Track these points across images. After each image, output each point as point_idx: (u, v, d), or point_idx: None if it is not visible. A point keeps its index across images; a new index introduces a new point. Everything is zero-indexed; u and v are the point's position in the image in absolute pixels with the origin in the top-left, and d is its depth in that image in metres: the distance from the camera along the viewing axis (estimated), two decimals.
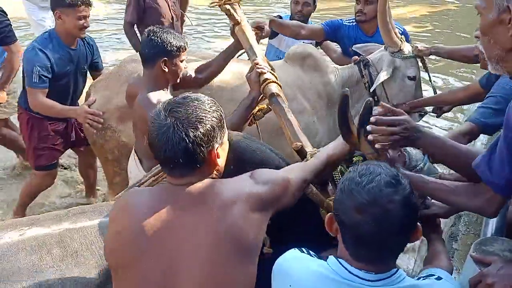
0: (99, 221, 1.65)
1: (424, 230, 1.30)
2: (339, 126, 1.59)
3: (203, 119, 1.30)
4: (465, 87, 2.96)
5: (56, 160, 3.24)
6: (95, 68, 3.28)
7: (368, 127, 1.44)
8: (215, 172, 1.40)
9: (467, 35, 7.02)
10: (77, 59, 3.06)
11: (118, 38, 6.80)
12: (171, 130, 1.28)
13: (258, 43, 2.52)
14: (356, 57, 3.01)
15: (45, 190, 3.37)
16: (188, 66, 2.42)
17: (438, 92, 3.29)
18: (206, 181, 1.35)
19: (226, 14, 2.41)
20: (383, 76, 2.79)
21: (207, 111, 1.33)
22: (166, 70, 2.20)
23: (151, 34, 2.18)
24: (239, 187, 1.37)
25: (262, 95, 2.18)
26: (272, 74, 2.20)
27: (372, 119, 1.44)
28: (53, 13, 2.96)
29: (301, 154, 1.85)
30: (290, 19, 3.53)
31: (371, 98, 1.51)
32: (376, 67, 2.90)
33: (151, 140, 1.33)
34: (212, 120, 1.33)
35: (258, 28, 2.59)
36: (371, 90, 2.89)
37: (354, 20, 3.28)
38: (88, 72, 3.26)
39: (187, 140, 1.27)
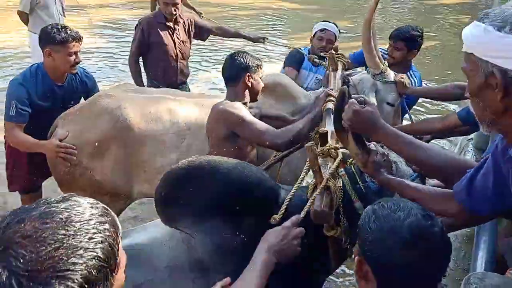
0: None
1: None
2: (334, 122, 1.61)
3: (68, 271, 0.68)
4: (443, 118, 2.94)
5: (32, 186, 3.17)
6: None
7: (343, 114, 1.51)
8: None
9: (448, 71, 7.20)
10: (62, 96, 2.98)
11: (100, 68, 6.83)
12: None
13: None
14: (346, 76, 3.05)
15: None
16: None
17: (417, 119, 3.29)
18: None
19: (330, 61, 2.83)
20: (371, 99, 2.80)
21: (80, 248, 0.70)
22: (250, 84, 2.41)
23: (234, 55, 2.47)
24: None
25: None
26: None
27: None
28: (43, 51, 2.90)
29: (322, 139, 1.85)
30: (309, 53, 3.57)
31: (345, 87, 1.60)
32: (356, 88, 2.92)
33: None
34: (89, 266, 0.70)
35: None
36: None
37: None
38: None
39: None
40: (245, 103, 2.44)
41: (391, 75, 2.91)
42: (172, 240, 1.65)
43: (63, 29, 2.83)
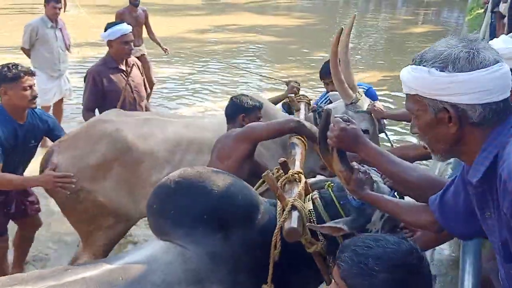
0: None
1: None
2: (319, 142, 1.67)
3: None
4: (416, 146, 2.95)
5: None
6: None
7: (329, 132, 1.59)
8: None
9: None
10: (24, 135, 2.93)
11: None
12: None
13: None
14: (314, 105, 3.18)
15: None
16: None
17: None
18: None
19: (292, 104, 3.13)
20: None
21: None
22: (245, 124, 2.52)
23: (233, 98, 2.67)
24: None
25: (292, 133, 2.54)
26: (302, 138, 2.55)
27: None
28: None
29: (284, 168, 2.02)
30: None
31: (329, 108, 1.69)
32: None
33: None
34: None
35: None
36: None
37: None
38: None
39: None
40: None
41: (364, 104, 2.94)
42: (168, 255, 1.68)
43: (13, 66, 2.85)
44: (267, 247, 1.75)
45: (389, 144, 3.35)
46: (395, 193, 1.78)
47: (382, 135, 3.19)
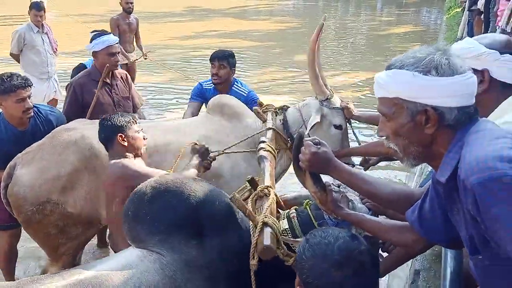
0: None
1: None
2: (293, 163, 1.70)
3: None
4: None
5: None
6: None
7: (300, 155, 1.63)
8: None
9: None
10: (27, 141, 2.91)
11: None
12: None
13: None
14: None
15: None
16: None
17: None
18: None
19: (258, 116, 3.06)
20: (314, 119, 2.87)
21: None
22: (125, 144, 2.39)
23: (102, 120, 2.46)
24: None
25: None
26: (270, 149, 2.48)
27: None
28: None
29: (252, 184, 2.00)
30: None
31: (302, 130, 1.66)
32: (301, 112, 3.00)
33: None
34: None
35: None
36: (306, 133, 2.93)
37: (211, 83, 3.66)
38: None
39: None
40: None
41: (337, 101, 3.02)
42: (144, 262, 1.64)
43: (8, 79, 2.84)
44: (244, 257, 1.71)
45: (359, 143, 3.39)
46: (372, 213, 1.81)
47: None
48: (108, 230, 3.71)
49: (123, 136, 2.39)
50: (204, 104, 3.72)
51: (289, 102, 7.30)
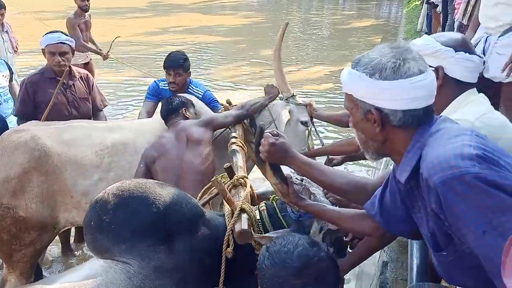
0: None
1: None
2: (255, 156, 1.73)
3: None
4: (351, 141, 2.89)
5: None
6: None
7: (261, 147, 1.67)
8: None
9: None
10: None
11: None
12: None
13: None
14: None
15: None
16: None
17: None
18: None
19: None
20: (286, 116, 2.93)
21: None
22: (188, 115, 2.90)
23: (169, 99, 3.00)
24: None
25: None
26: (241, 144, 2.69)
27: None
28: None
29: (229, 173, 2.07)
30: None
31: (263, 123, 1.73)
32: (270, 111, 3.07)
33: None
34: None
35: None
36: (283, 129, 2.96)
37: (167, 83, 3.58)
38: None
39: None
40: None
41: (299, 98, 3.12)
42: (109, 273, 1.58)
43: None
44: (215, 255, 1.74)
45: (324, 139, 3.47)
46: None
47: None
48: (73, 235, 3.64)
49: (186, 110, 2.89)
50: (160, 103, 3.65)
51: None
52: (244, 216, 1.80)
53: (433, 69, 1.65)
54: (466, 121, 1.52)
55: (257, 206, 2.00)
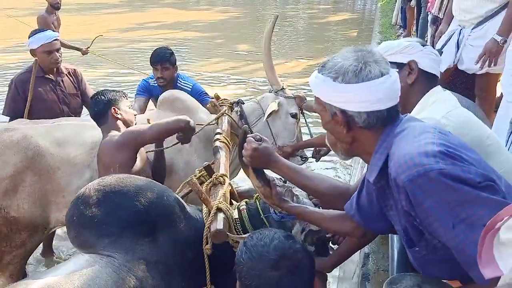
0: None
1: None
2: (239, 159, 1.74)
3: None
4: None
5: None
6: None
7: (244, 151, 1.68)
8: None
9: None
10: None
11: None
12: None
13: None
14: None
15: None
16: None
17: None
18: None
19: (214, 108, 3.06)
20: (272, 107, 2.95)
21: None
22: (119, 116, 2.40)
23: (94, 97, 2.45)
24: None
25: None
26: (225, 141, 2.61)
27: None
28: None
29: (208, 171, 2.09)
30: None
31: (246, 126, 1.82)
32: (260, 104, 3.08)
33: None
34: None
35: None
36: (264, 119, 3.02)
37: (155, 80, 3.56)
38: None
39: None
40: None
41: (289, 91, 3.13)
42: (94, 268, 1.59)
43: None
44: (199, 246, 1.77)
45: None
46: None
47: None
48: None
49: (116, 109, 2.39)
50: (150, 99, 3.65)
51: (235, 92, 7.32)
52: (221, 215, 1.80)
53: (405, 65, 1.70)
54: (433, 119, 1.56)
55: (236, 205, 1.99)
